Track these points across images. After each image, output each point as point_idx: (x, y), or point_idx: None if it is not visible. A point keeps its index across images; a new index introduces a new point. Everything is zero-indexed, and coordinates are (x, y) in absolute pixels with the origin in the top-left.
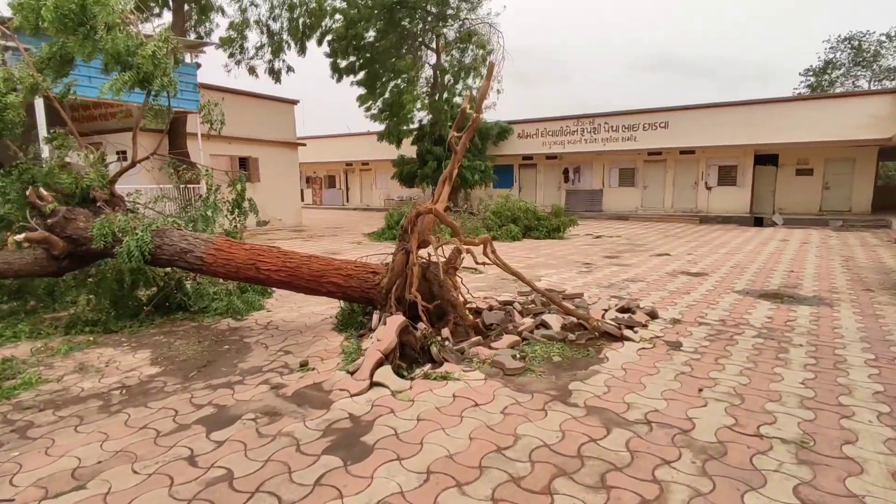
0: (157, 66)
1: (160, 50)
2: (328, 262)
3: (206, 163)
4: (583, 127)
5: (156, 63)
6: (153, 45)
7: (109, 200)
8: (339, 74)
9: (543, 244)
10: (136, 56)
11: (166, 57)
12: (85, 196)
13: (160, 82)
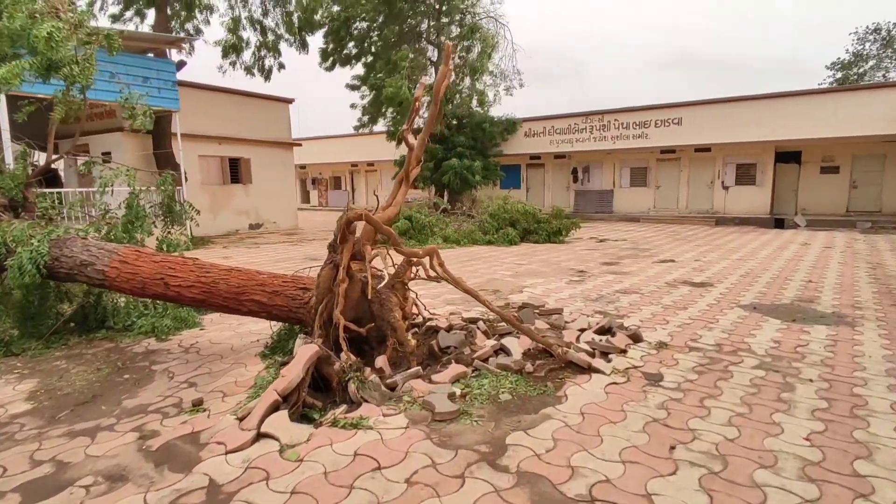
0: (54, 49)
1: (58, 32)
2: (250, 277)
3: (194, 164)
4: (591, 124)
5: (52, 46)
6: (49, 25)
7: (24, 205)
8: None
9: (541, 249)
10: (31, 38)
11: (65, 41)
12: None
13: (68, 71)
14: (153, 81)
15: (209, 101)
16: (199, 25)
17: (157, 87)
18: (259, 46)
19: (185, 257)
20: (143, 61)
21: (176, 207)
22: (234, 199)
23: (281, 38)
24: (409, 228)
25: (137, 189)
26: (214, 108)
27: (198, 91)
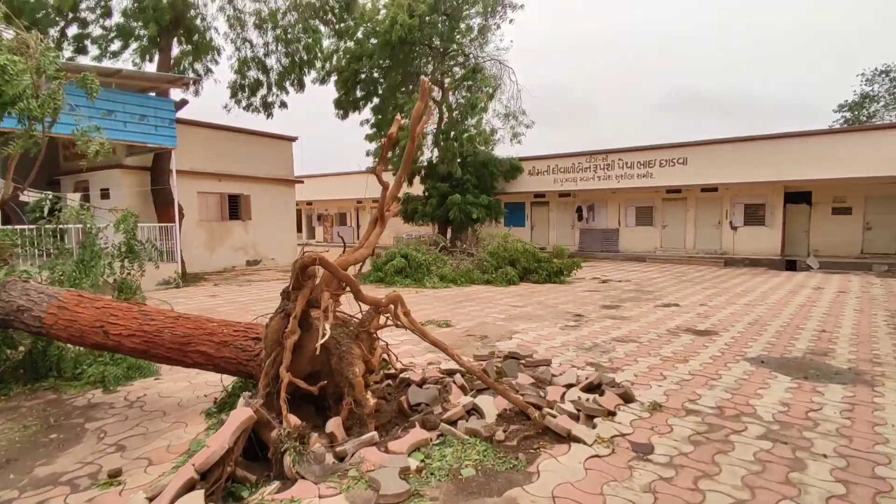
0: (8, 83)
1: (13, 65)
2: (198, 325)
3: (193, 201)
4: (595, 163)
5: (7, 80)
6: (3, 58)
7: None
8: (343, 111)
9: (540, 290)
10: None
11: (21, 74)
12: None
13: (24, 105)
14: (151, 119)
15: (211, 138)
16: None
17: (155, 126)
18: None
19: (133, 303)
20: (140, 99)
21: (136, 247)
22: (232, 236)
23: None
24: (406, 266)
25: (94, 228)
26: (216, 145)
27: (200, 129)
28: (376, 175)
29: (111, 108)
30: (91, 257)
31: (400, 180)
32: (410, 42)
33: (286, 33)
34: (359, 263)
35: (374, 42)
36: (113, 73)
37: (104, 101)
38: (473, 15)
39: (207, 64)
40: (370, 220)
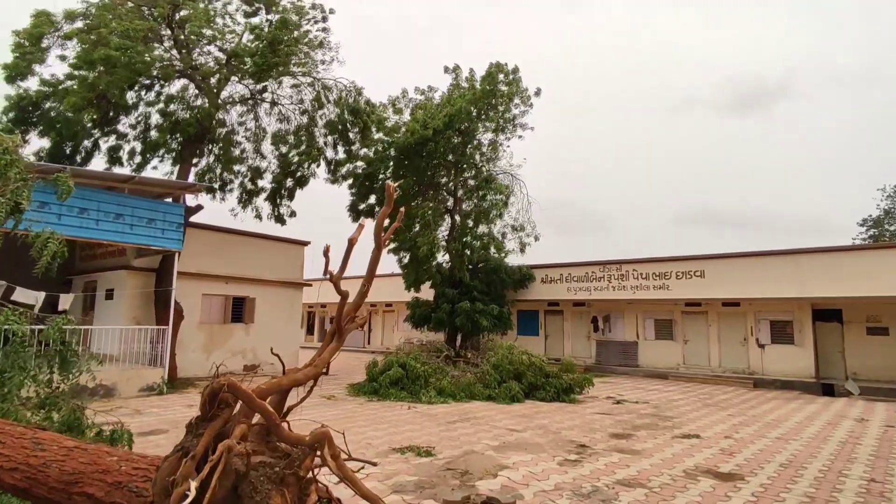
0: None
1: None
2: (94, 459)
3: (196, 303)
4: (609, 273)
5: None
6: None
7: None
8: (356, 216)
9: (545, 410)
10: None
11: None
12: None
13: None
14: (158, 223)
15: (223, 241)
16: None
17: (162, 229)
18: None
19: (30, 427)
20: (150, 204)
21: (69, 355)
22: (232, 339)
23: (295, 187)
24: (402, 377)
25: (21, 333)
26: (227, 248)
27: (212, 232)
28: (333, 283)
29: (120, 211)
30: (8, 368)
31: (365, 290)
32: (425, 153)
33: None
34: (301, 385)
35: (391, 153)
36: (126, 180)
37: (113, 205)
38: (485, 132)
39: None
40: (328, 332)
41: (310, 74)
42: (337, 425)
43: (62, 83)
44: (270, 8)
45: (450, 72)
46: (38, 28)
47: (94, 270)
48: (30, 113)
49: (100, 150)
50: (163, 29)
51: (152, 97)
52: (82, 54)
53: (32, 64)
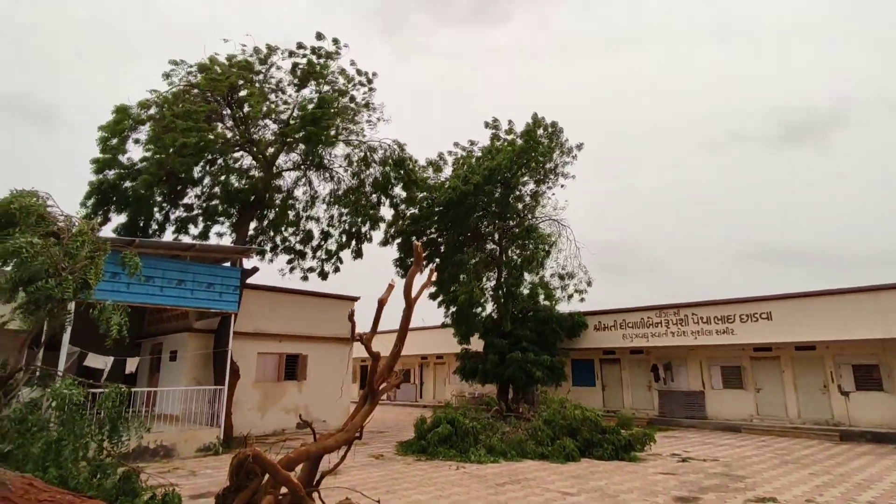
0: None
1: (29, 247)
2: None
3: (252, 362)
4: (667, 318)
5: (17, 260)
6: (22, 241)
7: None
8: (405, 271)
9: (603, 469)
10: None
11: (35, 257)
12: None
13: (45, 286)
14: (216, 287)
15: (276, 301)
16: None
17: (220, 293)
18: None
19: (80, 498)
20: (209, 269)
21: (120, 425)
22: (286, 397)
23: (343, 248)
24: (451, 435)
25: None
26: (280, 307)
27: (266, 293)
28: (364, 344)
29: (181, 277)
30: (64, 436)
31: (396, 351)
32: (468, 206)
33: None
34: (331, 452)
35: (436, 209)
36: (188, 248)
37: (176, 272)
38: (527, 182)
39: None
40: (361, 395)
41: (357, 136)
42: (381, 488)
43: (136, 165)
44: (319, 79)
45: (490, 126)
46: (119, 122)
47: (160, 333)
48: (109, 194)
49: (169, 220)
50: (223, 108)
51: (214, 170)
52: (153, 138)
53: (117, 155)
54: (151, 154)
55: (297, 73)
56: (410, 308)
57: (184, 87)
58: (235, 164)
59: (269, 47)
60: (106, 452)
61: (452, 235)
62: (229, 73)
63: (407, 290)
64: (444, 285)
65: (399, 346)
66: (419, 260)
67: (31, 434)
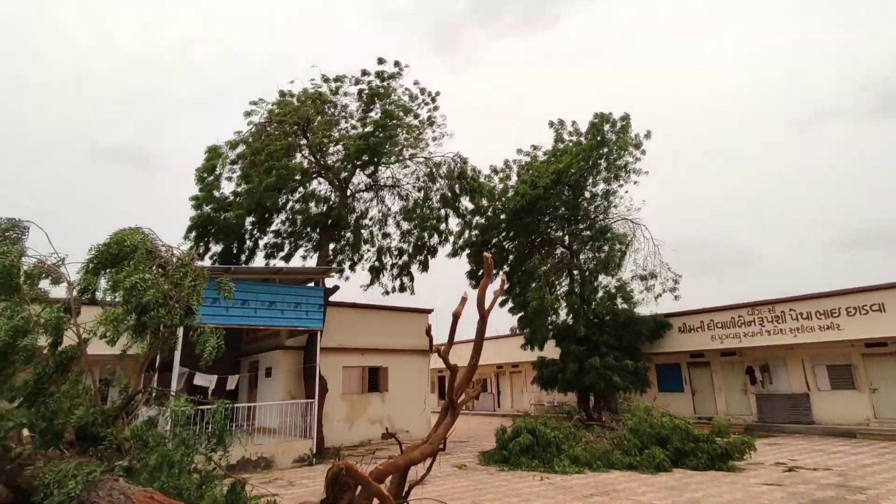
0: (134, 297)
1: (142, 283)
2: None
3: (338, 375)
4: (761, 316)
5: (133, 294)
6: (136, 278)
7: (103, 437)
8: (476, 282)
9: (698, 480)
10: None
11: (149, 289)
12: (88, 433)
13: (156, 314)
14: (303, 306)
15: (357, 316)
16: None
17: (306, 311)
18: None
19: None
20: (296, 290)
21: (226, 435)
22: (370, 408)
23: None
24: (533, 445)
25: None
26: (360, 322)
27: (348, 309)
28: (442, 357)
29: (272, 299)
30: (176, 447)
31: (473, 364)
32: (536, 211)
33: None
34: (417, 463)
35: (503, 217)
36: (276, 271)
37: (267, 294)
38: (597, 182)
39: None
40: (442, 408)
41: (421, 153)
42: (466, 498)
43: (228, 199)
44: (384, 100)
45: (554, 126)
46: (211, 161)
47: (256, 352)
48: (207, 227)
49: (259, 247)
50: (299, 139)
51: (296, 198)
52: (242, 175)
53: (212, 192)
54: (241, 189)
55: (363, 97)
56: (484, 320)
57: (263, 124)
58: (313, 190)
59: (336, 78)
60: (214, 464)
61: (521, 242)
62: (302, 106)
63: (480, 302)
64: (514, 293)
65: (476, 359)
66: (490, 272)
67: (150, 449)
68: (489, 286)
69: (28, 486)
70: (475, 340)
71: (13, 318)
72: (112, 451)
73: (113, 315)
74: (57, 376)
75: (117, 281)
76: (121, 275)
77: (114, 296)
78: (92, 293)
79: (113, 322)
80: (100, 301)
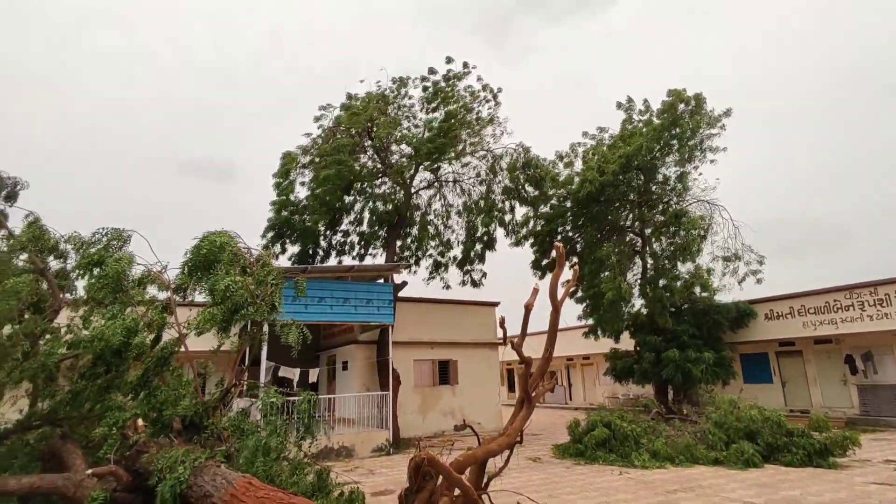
0: (228, 298)
1: (234, 284)
2: None
3: (409, 368)
4: (861, 299)
5: (228, 295)
6: (228, 280)
7: (205, 426)
8: (541, 272)
9: (794, 477)
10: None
11: (240, 290)
12: (192, 422)
13: (246, 312)
14: (374, 302)
15: (425, 311)
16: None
17: (377, 307)
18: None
19: (287, 494)
20: (367, 287)
21: (312, 424)
22: (442, 400)
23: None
24: (609, 438)
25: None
26: (429, 316)
27: (416, 304)
28: (515, 349)
29: (346, 296)
30: (270, 434)
31: (547, 356)
32: (604, 198)
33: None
34: (495, 455)
35: (568, 205)
36: (348, 270)
37: (341, 291)
38: (670, 164)
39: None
40: (517, 400)
41: (483, 148)
42: (542, 493)
43: (301, 202)
44: (448, 99)
45: (622, 107)
46: (286, 166)
47: (333, 346)
48: (283, 229)
49: (332, 246)
50: (364, 140)
51: (363, 198)
52: (313, 178)
53: (289, 195)
54: (312, 192)
55: (427, 97)
56: (557, 311)
57: (332, 128)
58: (379, 189)
59: (401, 79)
60: (302, 453)
61: (589, 230)
62: (367, 108)
63: (552, 293)
64: (583, 283)
65: (549, 350)
66: (562, 262)
67: (246, 437)
68: (560, 276)
69: (144, 471)
70: (549, 332)
71: (126, 320)
72: (213, 439)
73: (209, 314)
74: (160, 370)
75: (213, 283)
76: (214, 279)
77: (205, 295)
78: (185, 292)
79: (210, 321)
80: (190, 301)
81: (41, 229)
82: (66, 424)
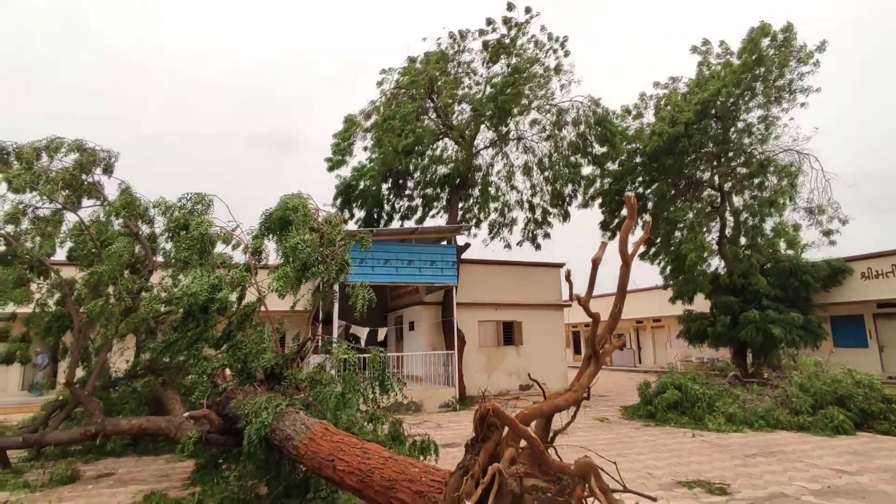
0: (297, 255)
1: (303, 243)
2: (403, 470)
3: (474, 329)
4: None
5: (296, 253)
6: (297, 239)
7: (285, 377)
8: (610, 232)
9: (891, 446)
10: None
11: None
12: (273, 373)
13: (316, 270)
14: (438, 264)
15: (489, 272)
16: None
17: (441, 268)
18: (528, 222)
19: (360, 440)
20: (430, 248)
21: (386, 381)
22: (506, 360)
23: (549, 214)
24: (681, 401)
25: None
26: (493, 278)
27: (481, 266)
28: (582, 305)
29: (410, 258)
30: (348, 390)
31: (616, 311)
32: (677, 151)
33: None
34: (561, 410)
35: (638, 160)
36: (412, 232)
37: (405, 253)
38: (752, 108)
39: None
40: (584, 357)
41: (549, 102)
42: (611, 451)
43: (365, 167)
44: (510, 51)
45: (698, 51)
46: (348, 130)
47: (400, 307)
48: (349, 194)
49: (396, 210)
50: (426, 102)
51: (425, 161)
52: (376, 142)
53: (345, 156)
54: (376, 156)
55: (487, 50)
56: (628, 266)
57: (394, 92)
58: (440, 151)
59: (460, 33)
60: (377, 405)
61: (661, 187)
62: (426, 69)
63: (622, 246)
64: (655, 243)
65: (619, 306)
66: (633, 214)
67: (322, 388)
68: (631, 229)
69: (233, 415)
70: (618, 287)
71: (209, 277)
72: (292, 389)
73: (283, 273)
74: (242, 326)
75: (284, 241)
76: (285, 237)
77: (279, 257)
78: (260, 254)
79: (283, 279)
80: (266, 263)
81: (132, 196)
82: (166, 374)
